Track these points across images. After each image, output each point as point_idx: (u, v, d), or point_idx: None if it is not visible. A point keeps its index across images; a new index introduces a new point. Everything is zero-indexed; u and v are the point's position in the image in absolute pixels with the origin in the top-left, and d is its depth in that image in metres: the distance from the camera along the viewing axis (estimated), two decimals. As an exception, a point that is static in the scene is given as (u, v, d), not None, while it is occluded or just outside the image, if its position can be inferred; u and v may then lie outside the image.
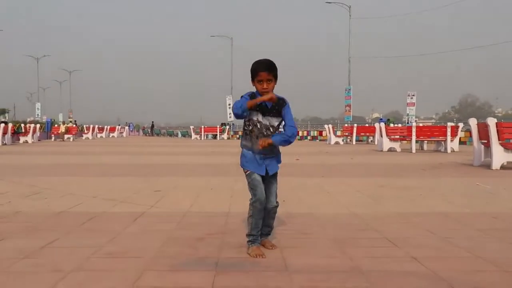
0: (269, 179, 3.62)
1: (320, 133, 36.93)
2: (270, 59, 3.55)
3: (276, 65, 3.53)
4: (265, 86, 3.43)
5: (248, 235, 3.57)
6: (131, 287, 2.76)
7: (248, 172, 3.56)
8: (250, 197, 3.56)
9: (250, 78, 3.52)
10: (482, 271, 3.09)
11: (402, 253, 3.52)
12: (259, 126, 3.51)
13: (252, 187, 3.54)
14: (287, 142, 3.54)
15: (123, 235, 4.10)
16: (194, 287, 2.77)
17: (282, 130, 3.61)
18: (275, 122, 3.54)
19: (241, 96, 3.51)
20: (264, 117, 3.51)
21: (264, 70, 3.43)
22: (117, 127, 57.07)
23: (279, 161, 3.70)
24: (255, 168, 3.55)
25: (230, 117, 50.42)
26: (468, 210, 5.37)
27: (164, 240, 3.89)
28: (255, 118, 3.51)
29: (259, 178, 3.54)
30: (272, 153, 3.60)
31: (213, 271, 3.05)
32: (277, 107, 3.51)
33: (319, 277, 2.95)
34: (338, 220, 4.79)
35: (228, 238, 3.99)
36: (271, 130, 3.54)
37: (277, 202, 3.66)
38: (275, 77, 3.47)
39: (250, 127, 3.54)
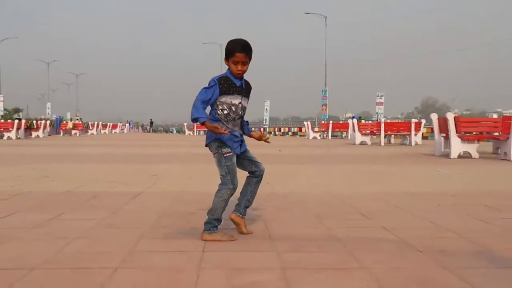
0: (244, 153, 3.13)
1: (300, 129, 36.91)
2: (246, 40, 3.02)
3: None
4: (239, 67, 2.92)
5: (216, 219, 3.00)
6: (129, 251, 2.69)
7: (228, 154, 2.98)
8: (221, 179, 3.03)
9: (224, 56, 2.98)
10: (444, 237, 3.07)
11: (374, 224, 3.48)
12: (234, 109, 2.99)
13: (230, 172, 2.99)
14: None
15: (123, 210, 4.02)
16: (186, 251, 2.71)
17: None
18: (247, 103, 3.10)
19: (208, 85, 2.93)
20: (243, 97, 3.03)
21: (241, 51, 2.91)
22: (118, 124, 56.58)
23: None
24: (236, 148, 3.03)
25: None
26: (430, 190, 5.37)
27: (159, 214, 3.81)
28: (229, 101, 2.96)
29: (235, 163, 3.05)
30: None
31: (204, 239, 2.98)
32: (249, 90, 3.11)
33: (300, 243, 2.90)
34: (317, 198, 4.75)
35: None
36: (244, 112, 3.09)
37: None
38: (250, 59, 2.98)
39: (226, 111, 2.97)
